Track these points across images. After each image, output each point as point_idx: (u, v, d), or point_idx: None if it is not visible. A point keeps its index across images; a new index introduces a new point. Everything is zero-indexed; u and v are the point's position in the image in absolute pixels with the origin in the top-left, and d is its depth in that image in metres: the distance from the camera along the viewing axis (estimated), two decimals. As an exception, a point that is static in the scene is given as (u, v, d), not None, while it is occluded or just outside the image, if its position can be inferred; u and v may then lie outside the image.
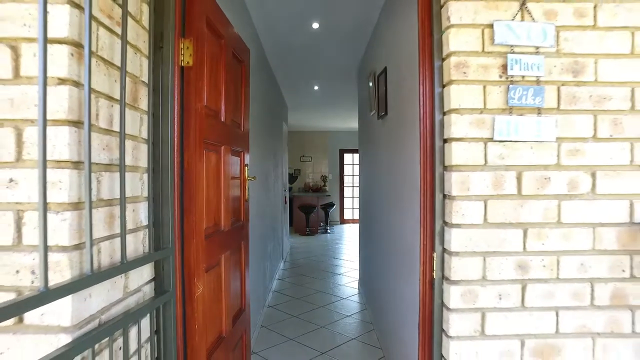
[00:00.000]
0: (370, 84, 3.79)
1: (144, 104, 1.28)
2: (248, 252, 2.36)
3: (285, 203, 7.20)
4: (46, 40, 0.80)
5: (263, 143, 4.11)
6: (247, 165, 2.28)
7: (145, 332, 1.26)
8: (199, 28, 1.50)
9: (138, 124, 1.25)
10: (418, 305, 1.45)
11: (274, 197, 5.26)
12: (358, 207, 5.30)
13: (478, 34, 1.30)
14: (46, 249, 0.79)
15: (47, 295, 0.79)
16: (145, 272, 1.29)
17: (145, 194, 1.28)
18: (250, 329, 2.45)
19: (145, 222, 1.28)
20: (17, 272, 0.90)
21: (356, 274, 5.73)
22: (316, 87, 6.22)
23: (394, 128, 2.63)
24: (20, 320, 0.90)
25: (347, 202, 11.82)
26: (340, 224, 11.64)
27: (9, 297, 0.90)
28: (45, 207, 0.79)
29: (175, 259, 1.38)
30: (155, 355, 1.32)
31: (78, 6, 0.93)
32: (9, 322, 0.89)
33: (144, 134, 1.29)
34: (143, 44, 1.28)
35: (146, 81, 1.30)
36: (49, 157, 0.88)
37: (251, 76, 2.98)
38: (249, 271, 2.39)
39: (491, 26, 1.30)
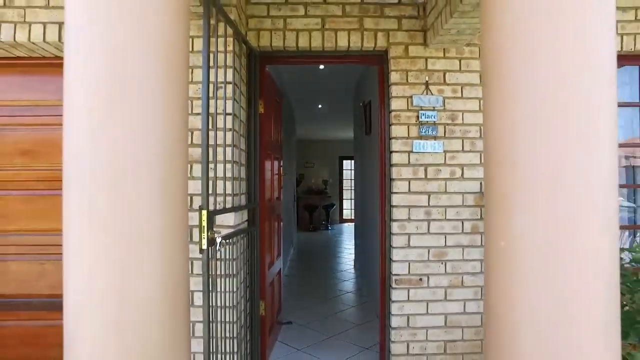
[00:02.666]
0: (361, 104, 5.21)
1: (244, 132, 2.69)
2: (281, 220, 3.76)
3: (294, 201, 8.58)
4: (234, 115, 2.20)
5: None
6: (281, 166, 3.69)
7: (245, 245, 2.64)
8: (266, 94, 2.91)
9: (240, 142, 2.65)
10: (378, 233, 2.84)
11: (287, 194, 6.65)
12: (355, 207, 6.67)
13: (405, 101, 2.71)
14: (233, 194, 2.19)
15: (236, 208, 2.18)
16: (245, 215, 2.68)
17: (244, 176, 2.68)
18: (282, 271, 3.83)
19: (244, 190, 2.67)
20: (213, 204, 2.29)
21: (352, 257, 7.10)
22: (320, 106, 7.65)
23: (374, 142, 4.04)
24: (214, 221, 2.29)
25: (346, 204, 13.21)
26: (340, 223, 13.01)
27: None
28: (230, 179, 2.19)
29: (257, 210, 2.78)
30: (249, 257, 2.70)
31: (235, 100, 2.34)
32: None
33: (243, 147, 2.68)
34: (244, 104, 2.68)
35: (244, 121, 2.70)
36: (228, 159, 2.28)
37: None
38: (282, 233, 3.78)
39: (411, 97, 2.70)
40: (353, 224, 11.38)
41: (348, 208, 13.15)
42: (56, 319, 2.63)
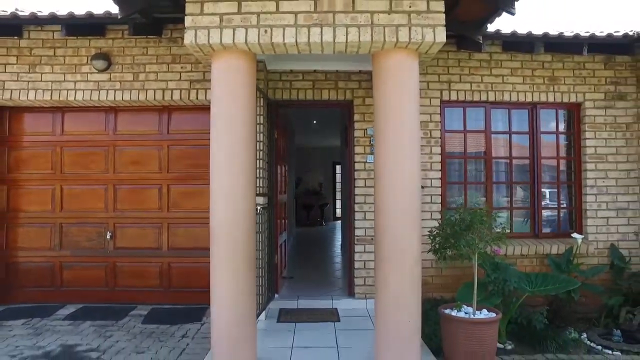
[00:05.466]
0: (345, 125, 7.01)
1: (266, 150, 4.46)
2: (286, 206, 5.53)
3: (294, 199, 10.35)
4: (263, 141, 4.00)
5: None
6: (287, 171, 5.48)
7: (266, 217, 4.40)
8: (279, 126, 4.70)
9: (264, 156, 4.41)
10: (348, 213, 4.63)
11: (288, 193, 8.42)
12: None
13: (363, 131, 4.50)
14: (260, 188, 3.96)
15: (265, 194, 3.95)
16: (266, 200, 4.43)
17: (266, 177, 4.44)
18: (288, 242, 5.60)
19: (267, 185, 4.44)
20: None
21: (339, 243, 8.87)
22: (315, 122, 9.44)
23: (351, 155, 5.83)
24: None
25: (339, 203, 14.94)
26: (333, 220, 14.74)
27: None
28: (261, 179, 3.97)
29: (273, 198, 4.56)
30: (268, 225, 4.46)
31: (263, 133, 4.12)
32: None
33: (266, 159, 4.45)
34: (267, 132, 4.46)
35: (266, 143, 4.47)
36: (260, 167, 4.05)
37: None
38: (288, 217, 5.56)
39: (366, 129, 4.49)
40: (345, 221, 13.18)
41: (340, 207, 14.90)
42: (152, 262, 4.42)
